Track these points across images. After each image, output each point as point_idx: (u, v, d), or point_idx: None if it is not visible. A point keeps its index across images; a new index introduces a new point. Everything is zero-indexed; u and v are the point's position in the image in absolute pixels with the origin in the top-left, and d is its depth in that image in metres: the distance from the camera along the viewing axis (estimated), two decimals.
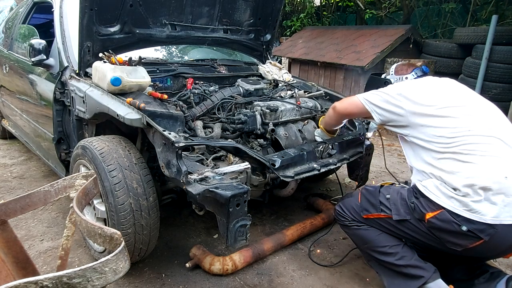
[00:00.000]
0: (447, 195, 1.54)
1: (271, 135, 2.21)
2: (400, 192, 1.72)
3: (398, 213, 1.67)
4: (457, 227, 1.50)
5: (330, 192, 3.15)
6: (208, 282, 1.95)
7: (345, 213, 1.86)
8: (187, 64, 2.72)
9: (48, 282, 0.73)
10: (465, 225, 1.49)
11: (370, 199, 1.79)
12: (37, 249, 2.20)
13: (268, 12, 2.93)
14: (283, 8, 4.41)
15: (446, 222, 1.53)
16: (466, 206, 1.50)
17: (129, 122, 1.76)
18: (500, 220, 1.47)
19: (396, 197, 1.71)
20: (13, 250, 1.21)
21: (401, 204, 1.68)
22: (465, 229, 1.49)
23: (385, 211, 1.71)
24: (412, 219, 1.64)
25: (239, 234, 1.66)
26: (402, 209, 1.67)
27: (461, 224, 1.49)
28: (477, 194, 1.49)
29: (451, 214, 1.51)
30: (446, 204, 1.53)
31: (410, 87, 1.79)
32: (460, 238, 1.53)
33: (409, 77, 1.97)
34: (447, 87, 1.79)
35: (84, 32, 2.13)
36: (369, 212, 1.76)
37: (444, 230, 1.55)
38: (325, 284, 1.98)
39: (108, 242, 0.91)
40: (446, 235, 1.56)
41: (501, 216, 1.47)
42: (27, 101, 2.93)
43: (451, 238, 1.55)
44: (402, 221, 1.66)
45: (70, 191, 1.23)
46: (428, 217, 1.56)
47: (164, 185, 2.16)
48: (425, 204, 1.59)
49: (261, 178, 2.05)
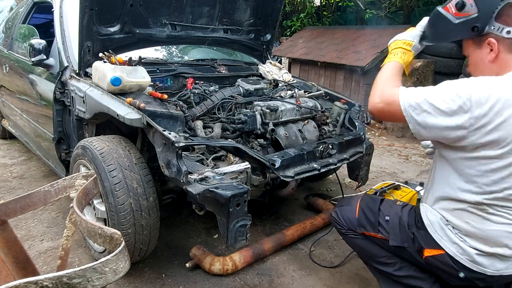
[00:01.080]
0: (451, 240, 1.42)
1: (271, 135, 2.21)
2: (400, 216, 1.61)
3: (395, 238, 1.58)
4: (455, 272, 1.43)
5: (330, 192, 3.15)
6: (208, 282, 1.95)
7: (341, 221, 1.75)
8: (187, 64, 2.72)
9: (48, 282, 0.73)
10: (463, 272, 1.42)
11: (369, 216, 1.68)
12: (37, 249, 2.20)
13: (268, 12, 2.93)
14: (283, 8, 4.42)
15: (445, 265, 1.45)
16: (469, 256, 1.40)
17: (129, 122, 1.76)
18: (501, 273, 1.39)
19: (395, 221, 1.60)
20: (13, 250, 1.21)
21: (400, 231, 1.58)
22: (462, 276, 1.42)
23: (383, 233, 1.62)
24: (409, 247, 1.55)
25: (239, 234, 1.65)
26: (401, 235, 1.57)
27: (459, 270, 1.42)
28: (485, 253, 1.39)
29: (451, 258, 1.43)
30: (448, 249, 1.43)
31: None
32: (456, 279, 1.46)
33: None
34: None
35: (84, 32, 2.12)
36: (366, 230, 1.67)
37: (441, 270, 1.49)
38: (325, 284, 1.98)
39: (108, 242, 0.91)
40: (442, 273, 1.50)
41: (504, 270, 1.39)
42: (27, 101, 2.93)
43: (446, 276, 1.50)
44: (399, 247, 1.58)
45: (70, 191, 1.23)
46: (427, 254, 1.48)
47: (164, 185, 2.16)
48: (425, 239, 1.48)
49: (261, 178, 2.04)
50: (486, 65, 1.36)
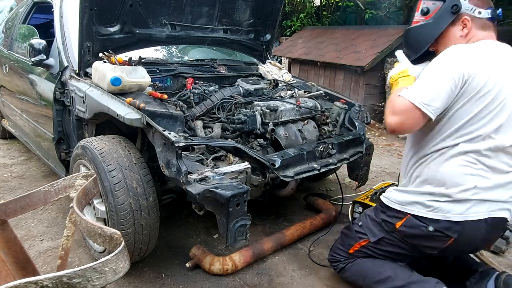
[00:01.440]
0: (409, 202, 1.58)
1: (271, 135, 2.21)
2: (367, 215, 1.79)
3: (373, 234, 1.72)
4: (424, 229, 1.53)
5: (330, 192, 3.15)
6: (208, 282, 1.95)
7: (336, 257, 1.89)
8: (187, 64, 2.72)
9: (48, 282, 0.73)
10: (432, 226, 1.52)
11: (347, 233, 1.86)
12: (37, 249, 2.20)
13: (268, 12, 2.93)
14: (283, 8, 4.41)
15: (415, 227, 1.56)
16: (428, 208, 1.53)
17: (129, 122, 1.76)
18: (464, 217, 1.48)
19: (366, 220, 1.78)
20: (13, 250, 1.21)
21: (372, 225, 1.74)
22: (432, 230, 1.52)
23: (363, 237, 1.76)
24: (386, 234, 1.68)
25: (239, 234, 1.66)
26: (375, 229, 1.72)
27: (427, 225, 1.52)
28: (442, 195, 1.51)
29: (416, 218, 1.55)
30: (410, 210, 1.57)
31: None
32: (431, 240, 1.55)
33: (482, 13, 1.57)
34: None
35: (84, 32, 2.13)
36: (352, 245, 1.81)
37: (415, 235, 1.58)
38: (325, 284, 1.98)
39: (108, 242, 0.91)
40: (419, 240, 1.59)
41: (466, 213, 1.49)
42: (27, 101, 2.93)
43: (424, 242, 1.58)
44: (380, 240, 1.70)
45: (70, 191, 1.23)
46: (398, 226, 1.61)
47: (164, 185, 2.16)
48: (392, 216, 1.64)
49: (261, 178, 2.05)
50: (457, 39, 1.59)
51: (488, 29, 1.60)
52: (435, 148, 1.53)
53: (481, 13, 1.57)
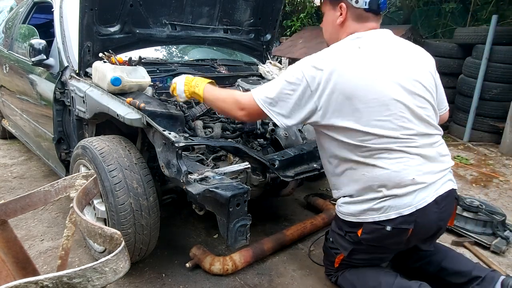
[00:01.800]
0: (360, 211, 1.57)
1: (271, 135, 2.21)
2: (333, 230, 1.79)
3: (344, 248, 1.72)
4: (383, 230, 1.53)
5: (330, 192, 3.14)
6: (208, 282, 1.95)
7: (327, 270, 1.92)
8: (187, 64, 2.72)
9: (48, 282, 0.73)
10: (388, 225, 1.52)
11: (327, 251, 1.87)
12: (37, 249, 2.20)
13: (268, 12, 2.93)
14: (283, 8, 4.41)
15: (374, 231, 1.56)
16: (379, 210, 1.52)
17: (129, 122, 1.76)
18: (415, 207, 1.49)
19: (334, 235, 1.78)
20: (13, 250, 1.21)
21: (340, 239, 1.73)
22: (389, 229, 1.52)
23: (338, 252, 1.76)
24: (354, 245, 1.67)
25: (239, 234, 1.65)
26: (343, 242, 1.71)
27: (384, 225, 1.52)
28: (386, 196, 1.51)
29: (372, 223, 1.54)
30: (364, 219, 1.57)
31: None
32: (392, 237, 1.55)
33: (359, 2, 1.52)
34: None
35: (84, 32, 2.12)
36: (333, 260, 1.82)
37: (377, 238, 1.58)
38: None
39: (108, 242, 0.91)
40: (382, 241, 1.59)
41: (414, 202, 1.49)
42: (27, 101, 2.93)
43: (387, 240, 1.58)
44: (352, 251, 1.69)
45: (70, 191, 1.23)
46: (360, 235, 1.60)
47: (164, 185, 2.15)
48: (352, 226, 1.63)
49: (261, 178, 2.04)
50: (334, 27, 1.60)
51: (366, 21, 1.54)
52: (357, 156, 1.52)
53: (358, 2, 1.51)
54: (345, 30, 1.58)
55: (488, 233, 2.39)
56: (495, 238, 2.34)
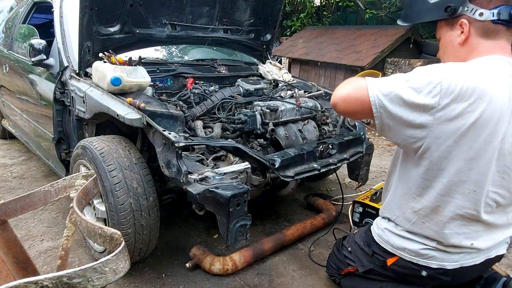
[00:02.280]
0: (401, 247, 1.47)
1: (271, 135, 2.21)
2: (356, 242, 1.69)
3: (362, 264, 1.65)
4: (417, 272, 1.48)
5: (330, 192, 3.14)
6: (208, 282, 1.95)
7: (331, 271, 1.89)
8: (187, 64, 2.72)
9: (48, 282, 0.73)
10: (425, 271, 1.46)
11: (337, 255, 1.81)
12: (37, 249, 2.20)
13: (268, 12, 2.93)
14: (283, 8, 4.41)
15: (407, 268, 1.49)
16: (422, 256, 1.44)
17: (129, 122, 1.76)
18: (460, 264, 1.42)
19: (355, 248, 1.70)
20: (13, 250, 1.21)
21: (361, 254, 1.66)
22: (425, 274, 1.46)
23: (352, 264, 1.70)
24: (376, 267, 1.61)
25: (239, 234, 1.65)
26: (364, 259, 1.64)
27: (420, 269, 1.46)
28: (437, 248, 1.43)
29: (409, 262, 1.47)
30: (401, 254, 1.48)
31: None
32: (425, 280, 1.50)
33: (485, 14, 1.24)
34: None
35: (84, 32, 2.12)
36: (342, 269, 1.78)
37: (406, 276, 1.53)
38: (325, 284, 1.98)
39: (108, 242, 0.91)
40: (411, 278, 1.54)
41: (461, 260, 1.43)
42: (27, 101, 2.93)
43: (416, 279, 1.53)
44: (369, 271, 1.64)
45: (70, 191, 1.23)
46: (389, 263, 1.54)
47: (164, 185, 2.16)
48: (383, 251, 1.55)
49: (261, 178, 2.04)
50: (455, 48, 1.33)
51: (496, 37, 1.27)
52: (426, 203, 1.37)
53: (483, 14, 1.24)
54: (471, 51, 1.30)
55: None
56: None
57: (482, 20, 1.26)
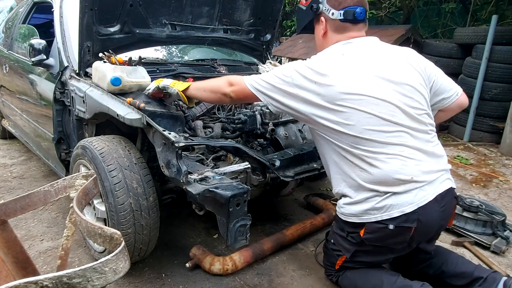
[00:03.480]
0: (362, 211, 1.57)
1: (271, 135, 2.21)
2: (334, 232, 1.78)
3: (346, 249, 1.72)
4: (386, 229, 1.54)
5: (330, 192, 3.14)
6: (208, 282, 1.95)
7: (328, 271, 1.92)
8: (187, 64, 2.71)
9: (48, 282, 0.73)
10: (391, 223, 1.52)
11: (328, 252, 1.87)
12: (37, 249, 2.20)
13: (268, 12, 2.93)
14: (283, 8, 4.41)
15: (376, 231, 1.56)
16: (381, 209, 1.53)
17: (129, 122, 1.76)
18: (416, 204, 1.50)
19: (336, 237, 1.77)
20: (13, 250, 1.21)
21: (342, 241, 1.73)
22: (392, 227, 1.52)
23: (340, 254, 1.76)
24: (357, 247, 1.67)
25: (239, 234, 1.65)
26: (346, 244, 1.71)
27: (387, 224, 1.53)
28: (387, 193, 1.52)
29: (375, 222, 1.55)
30: (367, 219, 1.57)
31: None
32: (395, 236, 1.56)
33: (335, 14, 1.61)
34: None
35: (84, 32, 2.12)
36: (334, 262, 1.82)
37: (380, 238, 1.58)
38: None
39: (108, 242, 0.91)
40: (385, 240, 1.59)
41: (415, 200, 1.50)
42: (27, 101, 2.93)
43: (390, 240, 1.58)
44: (354, 253, 1.70)
45: (70, 191, 1.23)
46: (362, 236, 1.60)
47: (164, 185, 2.15)
48: (354, 226, 1.64)
49: (261, 178, 2.04)
50: (319, 39, 1.70)
51: (345, 31, 1.61)
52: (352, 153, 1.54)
53: (334, 14, 1.60)
54: (328, 42, 1.66)
55: (488, 233, 2.39)
56: (495, 238, 2.34)
57: (333, 18, 1.61)
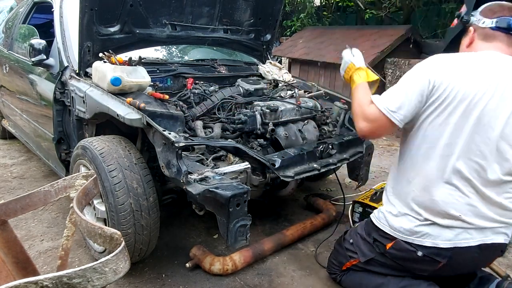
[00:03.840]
0: (397, 226, 1.54)
1: (271, 135, 2.21)
2: (358, 233, 1.76)
3: (363, 254, 1.70)
4: (414, 254, 1.51)
5: (330, 192, 3.15)
6: (208, 282, 1.95)
7: (332, 270, 1.91)
8: (187, 64, 2.72)
9: (48, 282, 0.73)
10: (421, 251, 1.49)
11: (339, 250, 1.85)
12: (37, 249, 2.20)
13: (268, 12, 2.93)
14: (283, 8, 4.41)
15: (404, 251, 1.54)
16: (416, 233, 1.49)
17: (129, 122, 1.76)
18: (454, 243, 1.45)
19: (357, 238, 1.75)
20: (13, 250, 1.21)
21: (363, 244, 1.71)
22: (420, 255, 1.49)
23: (353, 256, 1.75)
24: (377, 256, 1.65)
25: (239, 234, 1.65)
26: (365, 248, 1.70)
27: (416, 250, 1.50)
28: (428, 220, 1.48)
29: (404, 242, 1.52)
30: (398, 235, 1.54)
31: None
32: (421, 263, 1.53)
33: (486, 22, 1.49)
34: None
35: (84, 32, 2.12)
36: (343, 263, 1.81)
37: (405, 258, 1.56)
38: (325, 284, 1.98)
39: (108, 242, 0.91)
40: (409, 262, 1.57)
41: (455, 239, 1.45)
42: (27, 101, 2.93)
43: (414, 264, 1.56)
44: (370, 260, 1.68)
45: (70, 191, 1.23)
46: (388, 248, 1.58)
47: (164, 185, 2.15)
48: (383, 236, 1.61)
49: (261, 178, 2.04)
50: (463, 50, 1.60)
51: (494, 40, 1.48)
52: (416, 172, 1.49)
53: (485, 22, 1.49)
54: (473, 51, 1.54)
55: None
56: None
57: (484, 27, 1.51)
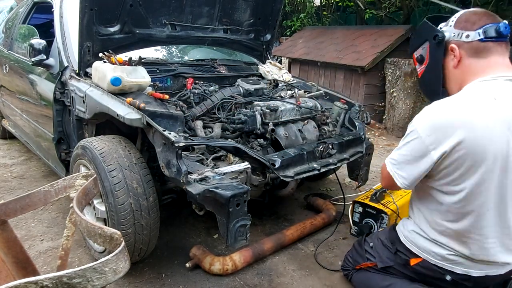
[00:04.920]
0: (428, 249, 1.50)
1: (271, 135, 2.21)
2: (380, 238, 1.74)
3: (381, 260, 1.69)
4: (441, 275, 1.48)
5: (330, 192, 3.15)
6: (208, 282, 1.95)
7: (346, 266, 1.91)
8: (187, 64, 2.72)
9: (48, 282, 0.73)
10: (449, 275, 1.47)
11: (357, 249, 1.85)
12: (37, 249, 2.20)
13: (268, 12, 2.93)
14: (283, 8, 4.41)
15: (430, 270, 1.51)
16: (448, 260, 1.46)
17: (129, 122, 1.76)
18: (485, 273, 1.43)
19: (378, 244, 1.73)
20: (13, 250, 1.21)
21: (383, 251, 1.69)
22: (449, 279, 1.47)
23: (371, 259, 1.74)
24: (395, 264, 1.63)
25: (239, 234, 1.66)
26: (385, 255, 1.68)
27: (444, 274, 1.47)
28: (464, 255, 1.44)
29: (433, 265, 1.49)
30: (427, 257, 1.50)
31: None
32: (446, 283, 1.50)
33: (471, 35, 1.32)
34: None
35: (84, 32, 2.13)
36: (358, 262, 1.80)
37: (429, 277, 1.54)
38: (325, 284, 1.98)
39: (108, 242, 0.91)
40: (432, 279, 1.55)
41: (487, 270, 1.43)
42: (27, 101, 2.93)
43: (438, 282, 1.54)
44: (387, 267, 1.67)
45: (70, 191, 1.23)
46: (413, 263, 1.55)
47: (164, 185, 2.16)
48: (408, 251, 1.58)
49: (261, 178, 2.05)
50: (451, 72, 1.41)
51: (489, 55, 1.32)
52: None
53: (469, 35, 1.32)
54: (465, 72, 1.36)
55: None
56: None
57: (469, 41, 1.33)
